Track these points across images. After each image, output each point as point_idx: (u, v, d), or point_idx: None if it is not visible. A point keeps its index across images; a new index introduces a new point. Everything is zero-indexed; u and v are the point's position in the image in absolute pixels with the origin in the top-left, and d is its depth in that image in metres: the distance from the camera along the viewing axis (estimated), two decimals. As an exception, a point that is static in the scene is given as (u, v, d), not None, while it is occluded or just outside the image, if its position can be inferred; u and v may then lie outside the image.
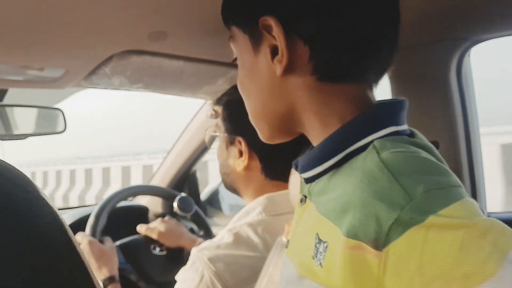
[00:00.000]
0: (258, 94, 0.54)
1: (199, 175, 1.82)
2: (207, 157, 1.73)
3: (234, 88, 0.96)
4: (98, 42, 0.84)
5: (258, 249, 0.83)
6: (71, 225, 1.37)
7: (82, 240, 1.14)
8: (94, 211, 1.22)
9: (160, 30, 0.80)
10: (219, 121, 0.94)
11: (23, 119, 1.14)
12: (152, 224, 1.29)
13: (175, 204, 1.38)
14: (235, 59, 0.58)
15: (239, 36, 0.54)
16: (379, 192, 0.39)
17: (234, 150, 0.91)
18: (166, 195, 1.42)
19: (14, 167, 0.33)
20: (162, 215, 1.74)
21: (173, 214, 1.77)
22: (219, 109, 0.94)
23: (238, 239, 0.84)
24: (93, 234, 1.17)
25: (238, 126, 0.90)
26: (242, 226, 0.86)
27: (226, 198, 1.84)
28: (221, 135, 0.94)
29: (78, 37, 0.79)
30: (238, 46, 0.55)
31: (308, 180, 0.52)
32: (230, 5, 0.55)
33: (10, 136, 1.08)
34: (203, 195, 1.84)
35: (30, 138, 1.14)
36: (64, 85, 1.03)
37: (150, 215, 1.60)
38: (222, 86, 1.23)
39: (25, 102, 1.14)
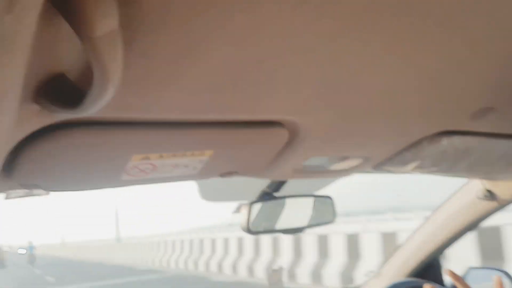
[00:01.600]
0: None
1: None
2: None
3: None
4: (409, 127, 0.73)
5: None
6: None
7: None
8: None
9: (486, 106, 0.68)
10: None
11: (295, 210, 1.10)
12: None
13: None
14: None
15: None
16: None
17: None
18: None
19: None
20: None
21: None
22: None
23: None
24: None
25: None
26: None
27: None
28: None
29: (386, 124, 0.70)
30: None
31: None
32: None
33: (290, 230, 1.03)
34: (448, 283, 1.59)
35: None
36: (350, 173, 0.95)
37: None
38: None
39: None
